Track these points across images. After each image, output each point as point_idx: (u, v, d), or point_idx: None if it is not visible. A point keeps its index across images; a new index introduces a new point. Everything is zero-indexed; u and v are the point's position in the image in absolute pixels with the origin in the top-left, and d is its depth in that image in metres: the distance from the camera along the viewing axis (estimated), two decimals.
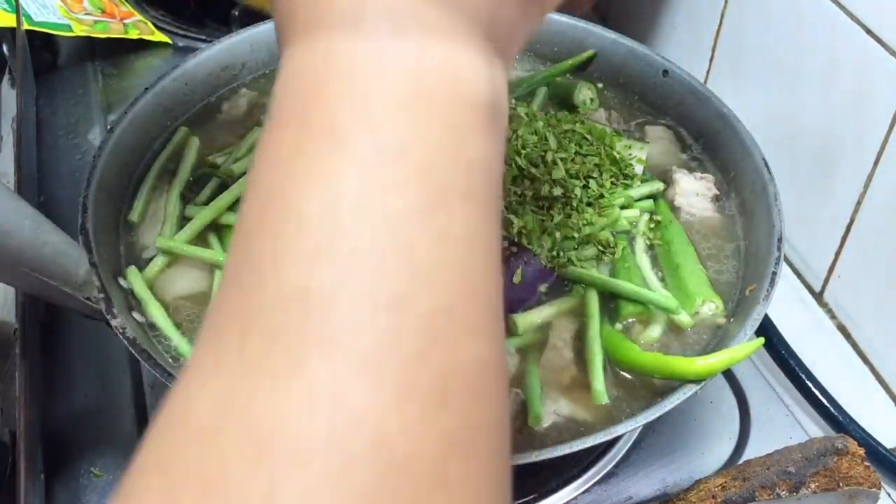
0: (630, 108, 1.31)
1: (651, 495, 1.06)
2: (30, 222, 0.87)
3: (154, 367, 0.87)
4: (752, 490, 0.95)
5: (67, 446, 1.07)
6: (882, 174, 1.21)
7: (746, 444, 1.12)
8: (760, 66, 1.41)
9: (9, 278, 0.89)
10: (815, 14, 1.27)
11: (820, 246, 1.35)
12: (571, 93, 1.29)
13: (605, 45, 1.33)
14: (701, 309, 1.01)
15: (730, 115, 1.17)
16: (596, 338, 0.97)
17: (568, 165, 1.08)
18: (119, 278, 1.00)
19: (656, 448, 1.11)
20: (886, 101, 1.17)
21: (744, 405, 1.17)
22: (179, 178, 1.13)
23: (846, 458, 0.96)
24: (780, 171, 1.10)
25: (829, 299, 1.36)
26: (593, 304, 1.00)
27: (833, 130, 1.28)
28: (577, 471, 1.07)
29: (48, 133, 1.52)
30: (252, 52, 1.31)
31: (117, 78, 1.64)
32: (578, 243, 1.05)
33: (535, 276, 1.01)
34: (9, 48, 1.65)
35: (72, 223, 0.97)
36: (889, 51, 1.16)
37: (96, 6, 1.71)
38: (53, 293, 0.91)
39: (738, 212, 1.13)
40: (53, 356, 1.16)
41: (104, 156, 1.07)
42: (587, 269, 1.04)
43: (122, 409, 1.11)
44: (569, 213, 1.06)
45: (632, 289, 1.01)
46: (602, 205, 1.09)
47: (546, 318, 1.00)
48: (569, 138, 1.12)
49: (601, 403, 0.93)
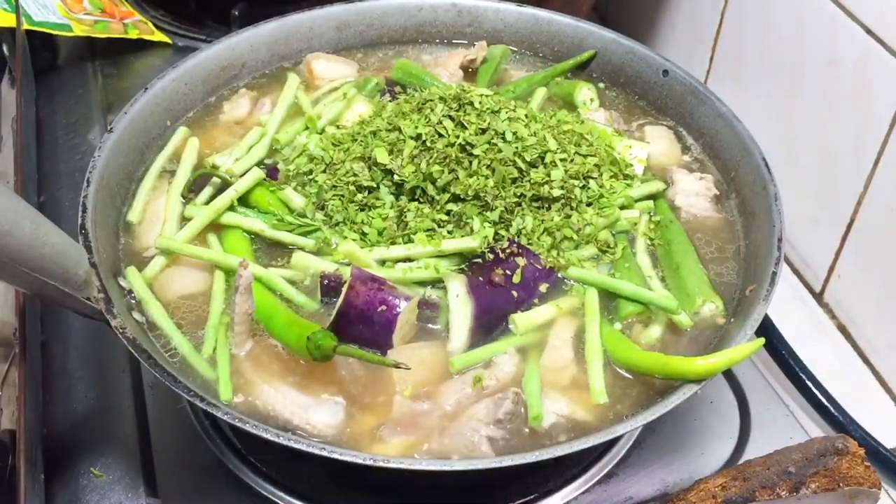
0: (630, 108, 1.31)
1: (651, 495, 1.06)
2: (30, 222, 0.87)
3: (154, 367, 0.87)
4: (752, 490, 0.95)
5: (67, 446, 1.07)
6: (882, 174, 1.21)
7: (746, 444, 1.12)
8: (760, 66, 1.41)
9: (9, 278, 0.89)
10: (815, 14, 1.27)
11: (820, 246, 1.35)
12: (572, 93, 1.29)
13: (605, 45, 1.33)
14: (701, 309, 1.01)
15: (730, 115, 1.17)
16: (596, 338, 0.97)
17: (567, 166, 1.08)
18: (119, 278, 1.00)
19: (656, 448, 1.10)
20: (886, 101, 1.17)
21: (744, 405, 1.17)
22: (179, 178, 1.13)
23: (846, 458, 0.96)
24: (780, 170, 1.10)
25: (829, 299, 1.36)
26: (593, 304, 1.00)
27: (833, 130, 1.28)
28: (577, 471, 1.07)
29: (48, 133, 1.52)
30: (252, 52, 1.31)
31: (117, 78, 1.64)
32: (578, 243, 1.06)
33: (535, 276, 1.01)
34: (9, 48, 1.65)
35: (72, 223, 0.97)
36: (889, 51, 1.16)
37: (96, 6, 1.71)
38: (53, 293, 0.91)
39: (738, 212, 1.13)
40: (53, 356, 1.17)
41: (104, 156, 1.07)
42: (587, 269, 1.04)
43: (122, 409, 1.11)
44: (568, 214, 1.06)
45: (632, 289, 1.01)
46: (602, 205, 1.09)
47: (546, 318, 1.00)
48: (568, 139, 1.12)
49: (600, 403, 0.93)
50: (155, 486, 1.03)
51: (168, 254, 1.04)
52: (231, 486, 1.04)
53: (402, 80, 1.32)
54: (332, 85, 1.30)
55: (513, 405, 0.91)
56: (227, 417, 0.84)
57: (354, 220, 1.05)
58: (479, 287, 0.98)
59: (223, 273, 1.03)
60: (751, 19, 1.42)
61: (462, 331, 0.96)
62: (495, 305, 0.98)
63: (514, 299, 0.99)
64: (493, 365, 0.96)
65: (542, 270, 1.01)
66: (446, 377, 0.95)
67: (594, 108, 1.28)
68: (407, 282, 1.00)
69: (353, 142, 1.13)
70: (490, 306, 0.98)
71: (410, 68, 1.33)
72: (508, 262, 1.00)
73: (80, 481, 1.04)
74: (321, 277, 1.00)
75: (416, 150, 1.06)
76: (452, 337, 0.96)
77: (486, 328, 0.98)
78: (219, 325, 0.98)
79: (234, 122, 1.25)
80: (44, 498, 1.01)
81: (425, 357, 0.96)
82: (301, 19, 1.34)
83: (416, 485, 1.02)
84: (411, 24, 1.40)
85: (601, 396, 0.93)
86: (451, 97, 1.10)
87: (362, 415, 0.92)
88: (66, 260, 0.91)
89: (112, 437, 1.08)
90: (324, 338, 0.88)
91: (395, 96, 1.26)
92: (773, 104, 1.39)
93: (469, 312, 0.96)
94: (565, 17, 1.36)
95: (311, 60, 1.32)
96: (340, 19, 1.37)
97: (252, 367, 0.95)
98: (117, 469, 1.05)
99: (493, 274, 0.99)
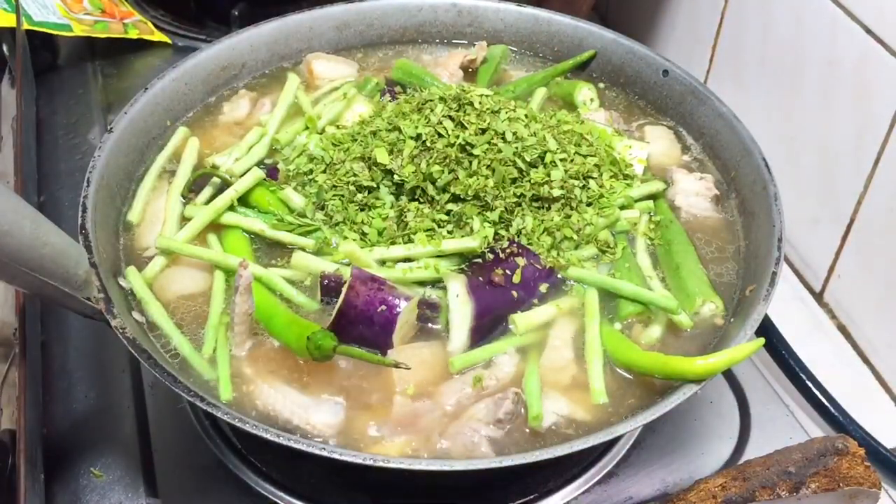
0: (630, 108, 1.31)
1: (651, 495, 1.06)
2: (30, 222, 0.87)
3: (154, 367, 0.87)
4: (752, 490, 0.95)
5: (67, 446, 1.07)
6: (882, 174, 1.21)
7: (746, 444, 1.12)
8: (760, 66, 1.41)
9: (9, 278, 0.89)
10: (815, 14, 1.27)
11: (820, 246, 1.35)
12: (572, 93, 1.29)
13: (605, 45, 1.33)
14: (701, 309, 1.01)
15: (730, 115, 1.17)
16: (596, 338, 0.97)
17: (567, 166, 1.08)
18: (119, 278, 1.00)
19: (656, 448, 1.10)
20: (886, 101, 1.17)
21: (744, 405, 1.17)
22: (179, 178, 1.13)
23: (846, 458, 0.96)
24: (780, 170, 1.10)
25: (829, 299, 1.36)
26: (593, 305, 1.00)
27: (833, 130, 1.28)
28: (577, 471, 1.07)
29: (48, 133, 1.52)
30: (252, 52, 1.31)
31: (117, 78, 1.64)
32: (578, 243, 1.06)
33: (535, 276, 1.01)
34: (9, 48, 1.65)
35: (72, 223, 0.97)
36: (889, 51, 1.16)
37: (96, 6, 1.71)
38: (53, 293, 0.91)
39: (738, 212, 1.13)
40: (53, 356, 1.17)
41: (104, 156, 1.07)
42: (587, 269, 1.04)
43: (122, 409, 1.11)
44: (568, 214, 1.06)
45: (632, 289, 1.01)
46: (602, 205, 1.09)
47: (546, 318, 1.00)
48: (568, 139, 1.12)
49: (600, 403, 0.93)
50: (155, 486, 1.03)
51: (168, 254, 1.04)
52: (231, 486, 1.04)
53: (402, 79, 1.32)
54: (333, 85, 1.30)
55: (513, 405, 0.91)
56: (227, 417, 0.84)
57: (354, 220, 1.05)
58: (479, 287, 0.98)
59: (223, 273, 1.03)
60: (751, 19, 1.42)
61: (462, 331, 0.96)
62: (495, 305, 0.98)
63: (514, 299, 0.99)
64: (494, 365, 0.96)
65: (542, 270, 1.01)
66: (446, 377, 0.95)
67: (594, 108, 1.28)
68: (407, 282, 1.00)
69: (353, 142, 1.13)
70: (490, 306, 0.98)
71: (410, 68, 1.33)
72: (508, 262, 1.00)
73: (80, 481, 1.04)
74: (321, 277, 1.00)
75: (416, 150, 1.06)
76: (452, 337, 0.97)
77: (486, 328, 0.98)
78: (219, 325, 0.98)
79: (234, 122, 1.25)
80: (44, 498, 1.00)
81: (425, 357, 0.96)
82: (301, 19, 1.34)
83: (416, 485, 1.02)
84: (411, 24, 1.40)
85: (601, 396, 0.93)
86: (451, 97, 1.10)
87: (362, 415, 0.92)
88: (66, 260, 0.91)
89: (112, 437, 1.08)
90: (324, 338, 0.88)
91: (395, 96, 1.26)
92: (773, 104, 1.39)
93: (469, 312, 0.96)
94: (565, 17, 1.36)
95: (312, 60, 1.32)
96: (340, 19, 1.37)
97: (252, 367, 0.95)
98: (117, 469, 1.05)
99: (493, 274, 0.99)
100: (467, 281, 0.99)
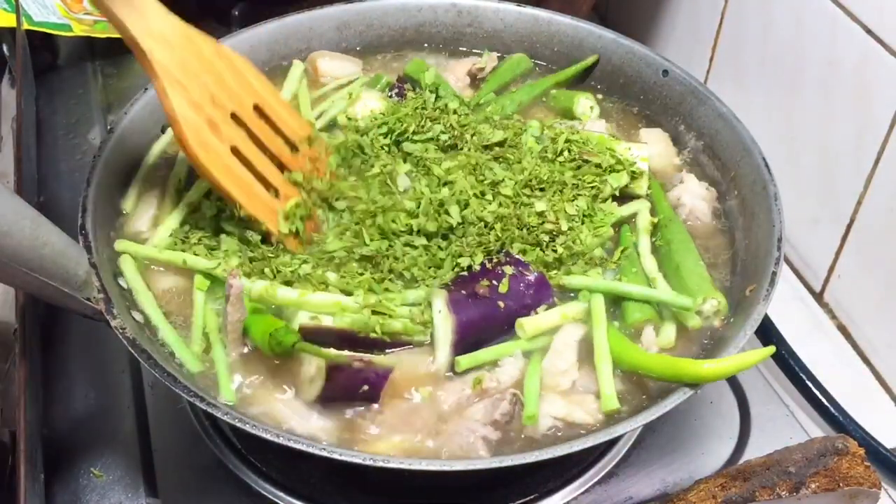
0: (629, 112, 1.30)
1: (651, 495, 1.06)
2: (30, 222, 0.87)
3: (154, 367, 0.87)
4: (752, 490, 0.95)
5: (67, 446, 1.07)
6: (882, 174, 1.21)
7: (746, 444, 1.12)
8: (760, 66, 1.41)
9: (9, 278, 0.89)
10: (815, 14, 1.27)
11: (820, 246, 1.35)
12: (571, 106, 1.28)
13: (605, 46, 1.33)
14: (703, 307, 1.01)
15: (730, 115, 1.17)
16: (604, 343, 0.96)
17: (555, 201, 1.07)
18: (119, 278, 1.00)
19: (656, 448, 1.10)
20: (886, 101, 1.17)
21: (744, 405, 1.17)
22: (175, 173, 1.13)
23: (846, 458, 0.96)
24: (780, 170, 1.10)
25: (829, 299, 1.36)
26: (599, 310, 0.99)
27: (833, 130, 1.28)
28: (577, 471, 1.07)
29: (48, 133, 1.52)
30: (252, 52, 1.31)
31: (117, 78, 1.64)
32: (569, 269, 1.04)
33: (524, 286, 0.99)
34: (9, 48, 1.65)
35: (72, 223, 0.97)
36: (889, 51, 1.16)
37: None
38: (53, 293, 0.91)
39: (738, 212, 1.13)
40: (53, 356, 1.17)
41: (104, 156, 1.07)
42: (590, 277, 1.03)
43: (122, 409, 1.11)
44: (554, 237, 1.05)
45: (643, 292, 1.01)
46: (596, 224, 1.08)
47: (553, 322, 0.99)
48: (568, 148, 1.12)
49: (612, 408, 0.92)
50: (155, 486, 1.03)
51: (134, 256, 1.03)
52: (231, 486, 1.04)
53: (414, 74, 1.30)
54: (339, 82, 1.31)
55: (510, 406, 0.91)
56: (227, 417, 0.84)
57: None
58: (461, 301, 0.96)
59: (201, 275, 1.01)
60: (751, 19, 1.42)
61: (444, 347, 0.95)
62: (478, 318, 0.96)
63: (500, 310, 0.97)
64: (497, 367, 0.96)
65: (532, 279, 0.99)
66: (442, 380, 0.95)
67: (594, 116, 1.27)
68: (398, 304, 0.98)
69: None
70: (472, 320, 0.96)
71: (425, 68, 1.32)
72: (495, 272, 0.99)
73: (80, 481, 1.04)
74: (299, 328, 0.93)
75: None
76: (437, 355, 0.96)
77: (472, 341, 0.96)
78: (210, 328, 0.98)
79: None
80: (44, 498, 1.00)
81: (421, 359, 0.96)
82: (301, 19, 1.34)
83: (416, 485, 1.02)
84: (411, 24, 1.39)
85: (612, 402, 0.91)
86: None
87: (361, 416, 0.92)
88: (66, 260, 0.91)
89: (112, 437, 1.08)
90: (286, 334, 0.88)
91: (403, 94, 1.26)
92: (773, 104, 1.39)
93: (450, 327, 0.95)
94: (565, 17, 1.36)
95: (316, 58, 1.33)
96: (340, 19, 1.37)
97: (248, 372, 0.95)
98: (117, 469, 1.05)
99: (477, 286, 0.97)
100: (447, 296, 0.97)
